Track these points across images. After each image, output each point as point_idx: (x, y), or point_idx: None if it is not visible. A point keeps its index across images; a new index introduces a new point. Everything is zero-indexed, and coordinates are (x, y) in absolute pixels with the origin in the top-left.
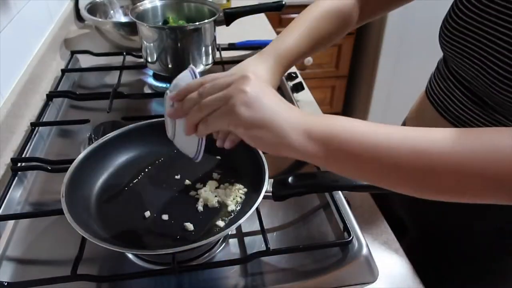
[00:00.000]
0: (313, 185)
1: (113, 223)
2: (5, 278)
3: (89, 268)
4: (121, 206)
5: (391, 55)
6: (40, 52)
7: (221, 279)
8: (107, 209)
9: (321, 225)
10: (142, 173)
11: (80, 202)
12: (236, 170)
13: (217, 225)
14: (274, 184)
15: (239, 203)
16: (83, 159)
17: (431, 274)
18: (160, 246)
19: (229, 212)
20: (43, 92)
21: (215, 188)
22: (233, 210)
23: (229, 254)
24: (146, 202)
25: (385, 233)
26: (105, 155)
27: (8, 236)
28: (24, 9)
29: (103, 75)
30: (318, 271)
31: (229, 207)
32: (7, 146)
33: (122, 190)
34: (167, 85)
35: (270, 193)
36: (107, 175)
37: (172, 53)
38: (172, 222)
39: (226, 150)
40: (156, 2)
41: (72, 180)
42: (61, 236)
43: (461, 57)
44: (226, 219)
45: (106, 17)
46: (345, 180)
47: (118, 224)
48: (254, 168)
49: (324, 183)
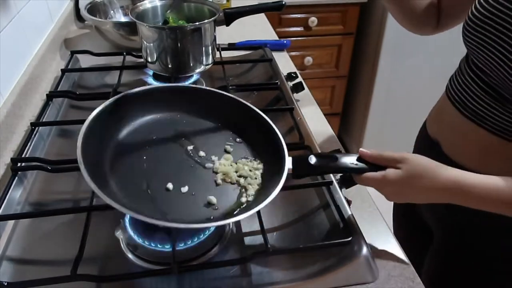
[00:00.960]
0: (334, 167)
1: (132, 190)
2: (5, 278)
3: (89, 268)
4: (140, 172)
5: (391, 55)
6: (40, 52)
7: (221, 279)
8: (124, 171)
9: (321, 225)
10: (156, 139)
11: (95, 158)
12: (252, 145)
13: (241, 202)
14: (294, 162)
15: (258, 182)
16: (101, 111)
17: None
18: (191, 220)
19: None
20: (43, 92)
21: (231, 162)
22: (254, 187)
23: (229, 254)
24: (163, 172)
25: (385, 233)
26: (125, 110)
27: (8, 236)
28: (24, 9)
29: (103, 75)
30: (318, 271)
31: (250, 186)
32: (7, 146)
33: (139, 153)
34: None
35: (290, 170)
36: (125, 133)
37: (172, 53)
38: (193, 194)
39: (238, 125)
40: (156, 2)
41: (89, 133)
42: (61, 236)
43: (482, 48)
44: (250, 195)
45: (106, 17)
46: (364, 163)
47: (138, 193)
48: (271, 145)
49: (344, 164)
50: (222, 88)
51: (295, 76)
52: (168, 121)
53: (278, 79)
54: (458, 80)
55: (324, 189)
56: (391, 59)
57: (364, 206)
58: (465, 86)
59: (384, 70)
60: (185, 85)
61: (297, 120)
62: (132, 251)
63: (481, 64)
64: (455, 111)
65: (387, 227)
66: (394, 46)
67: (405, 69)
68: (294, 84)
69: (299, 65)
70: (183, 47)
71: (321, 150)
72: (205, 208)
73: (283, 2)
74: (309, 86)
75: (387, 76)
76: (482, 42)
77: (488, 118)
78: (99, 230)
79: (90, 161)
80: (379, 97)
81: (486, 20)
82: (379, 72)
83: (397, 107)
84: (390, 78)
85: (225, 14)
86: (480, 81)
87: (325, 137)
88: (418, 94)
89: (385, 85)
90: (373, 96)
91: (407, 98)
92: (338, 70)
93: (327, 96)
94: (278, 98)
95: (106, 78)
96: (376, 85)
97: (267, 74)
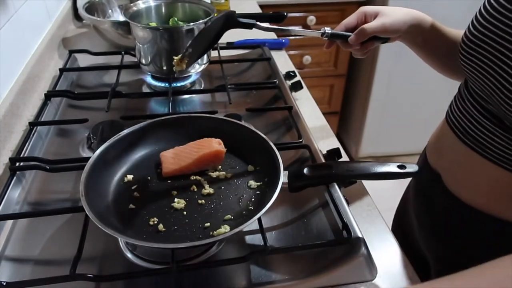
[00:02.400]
0: (329, 175)
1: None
2: (4, 278)
3: (88, 268)
4: (139, 203)
5: (390, 54)
6: (38, 51)
7: (220, 278)
8: (126, 206)
9: (320, 223)
10: (150, 173)
11: (98, 200)
12: (246, 161)
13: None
14: (290, 176)
15: (254, 197)
16: (98, 156)
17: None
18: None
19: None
20: (42, 91)
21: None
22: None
23: (228, 253)
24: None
25: (384, 231)
26: (121, 151)
27: (6, 236)
28: (22, 9)
29: (102, 74)
30: (317, 270)
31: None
32: (5, 146)
33: (137, 186)
34: (165, 84)
35: (286, 184)
36: (124, 171)
37: (166, 54)
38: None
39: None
40: (150, 2)
41: (89, 178)
42: (60, 236)
43: (477, 73)
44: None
45: (104, 16)
46: (359, 170)
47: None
48: (267, 160)
49: (339, 173)
50: (220, 87)
51: (293, 75)
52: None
53: (277, 78)
54: (458, 106)
55: (323, 188)
56: (390, 58)
57: (363, 205)
58: (466, 112)
59: (383, 68)
60: (178, 116)
61: (295, 119)
62: (131, 250)
63: (478, 90)
64: (455, 139)
65: (386, 225)
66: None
67: (404, 67)
68: (293, 83)
69: (298, 64)
70: (177, 48)
71: (319, 149)
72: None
73: (284, 14)
74: (308, 85)
75: (386, 74)
76: (476, 66)
77: (492, 147)
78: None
79: (95, 206)
80: (378, 95)
81: (479, 43)
82: (378, 70)
83: (395, 106)
84: (389, 77)
85: None
86: (480, 107)
87: (324, 136)
88: (416, 92)
89: (384, 84)
90: (372, 95)
91: (406, 96)
92: (336, 69)
93: (325, 95)
94: (277, 97)
95: (105, 77)
96: (375, 83)
97: (265, 73)
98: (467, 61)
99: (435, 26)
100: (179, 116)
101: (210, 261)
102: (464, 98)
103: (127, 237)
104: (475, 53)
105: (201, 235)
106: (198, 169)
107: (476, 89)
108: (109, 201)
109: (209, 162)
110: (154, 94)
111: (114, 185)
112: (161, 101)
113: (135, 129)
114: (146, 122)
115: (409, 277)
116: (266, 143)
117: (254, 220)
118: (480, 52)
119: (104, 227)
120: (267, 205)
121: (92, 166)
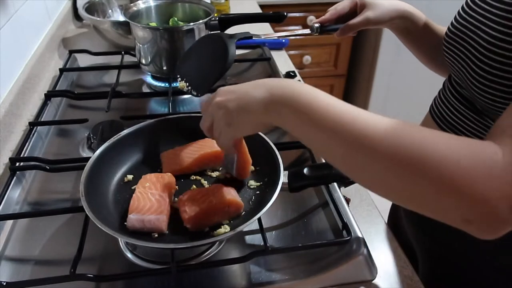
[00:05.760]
0: (329, 175)
1: None
2: (4, 278)
3: (88, 268)
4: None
5: (390, 54)
6: (38, 51)
7: (220, 278)
8: (126, 206)
9: (320, 223)
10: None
11: (98, 200)
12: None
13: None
14: (290, 176)
15: (254, 197)
16: (98, 156)
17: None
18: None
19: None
20: (41, 91)
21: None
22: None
23: (228, 253)
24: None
25: (384, 231)
26: (121, 151)
27: (6, 236)
28: (22, 8)
29: (102, 74)
30: (317, 270)
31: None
32: (5, 146)
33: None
34: (165, 84)
35: (286, 184)
36: (124, 171)
37: (166, 54)
38: None
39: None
40: (150, 2)
41: (89, 178)
42: (60, 236)
43: (453, 59)
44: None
45: (104, 16)
46: None
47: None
48: (267, 160)
49: (339, 173)
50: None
51: (293, 75)
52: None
53: (277, 78)
54: (440, 97)
55: (323, 188)
56: (390, 58)
57: (363, 204)
58: (446, 100)
59: (383, 68)
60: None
61: None
62: (131, 250)
63: (454, 75)
64: (435, 127)
65: (386, 225)
66: (392, 44)
67: (404, 67)
68: None
69: (298, 64)
70: (177, 48)
71: None
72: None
73: (284, 14)
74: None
75: (386, 74)
76: (453, 54)
77: (466, 132)
78: (98, 230)
79: (96, 206)
80: (378, 95)
81: (458, 33)
82: (378, 70)
83: (395, 106)
84: (389, 77)
85: (220, 20)
86: (457, 94)
87: None
88: (416, 92)
89: (384, 84)
90: (372, 95)
91: (406, 96)
92: (336, 69)
93: None
94: None
95: (105, 77)
96: (375, 83)
97: (265, 73)
98: (447, 50)
99: (422, 20)
100: (179, 116)
101: (210, 261)
102: (446, 90)
103: (127, 237)
104: (453, 42)
105: (201, 235)
106: (198, 169)
107: (453, 75)
108: (109, 201)
109: (209, 162)
110: (154, 94)
111: (114, 185)
112: (161, 101)
113: (135, 129)
114: (146, 122)
115: (409, 277)
116: (266, 143)
117: (254, 220)
118: (457, 41)
119: (104, 227)
120: (267, 205)
121: (92, 166)
